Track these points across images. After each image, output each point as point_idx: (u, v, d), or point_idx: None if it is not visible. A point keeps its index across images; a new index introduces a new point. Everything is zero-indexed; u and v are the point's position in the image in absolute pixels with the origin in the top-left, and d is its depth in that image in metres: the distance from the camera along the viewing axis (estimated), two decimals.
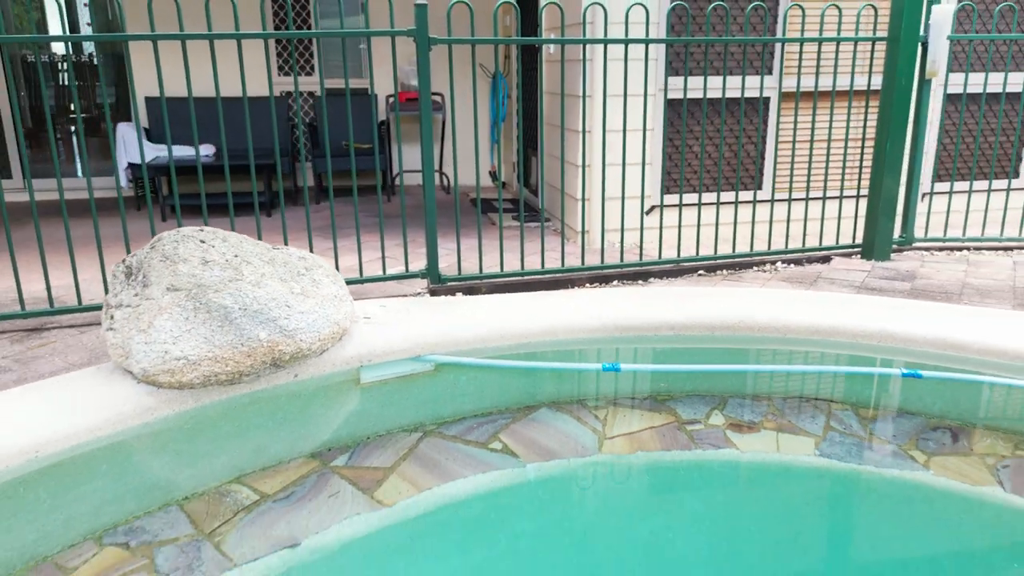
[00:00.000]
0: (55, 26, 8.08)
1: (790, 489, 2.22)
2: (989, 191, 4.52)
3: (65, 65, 8.30)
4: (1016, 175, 5.35)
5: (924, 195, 5.28)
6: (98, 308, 3.28)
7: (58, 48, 8.51)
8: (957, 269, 3.96)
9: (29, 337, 3.15)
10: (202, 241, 2.43)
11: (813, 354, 2.95)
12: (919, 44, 4.02)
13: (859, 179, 4.20)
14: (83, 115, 8.34)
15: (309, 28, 6.63)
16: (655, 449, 2.32)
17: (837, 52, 4.01)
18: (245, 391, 2.44)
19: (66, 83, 8.18)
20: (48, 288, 3.21)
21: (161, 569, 1.79)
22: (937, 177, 5.31)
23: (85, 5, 8.62)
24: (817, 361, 2.92)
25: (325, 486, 2.10)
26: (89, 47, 8.26)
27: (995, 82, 5.00)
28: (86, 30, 9.57)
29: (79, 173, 7.44)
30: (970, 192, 4.48)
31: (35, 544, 1.86)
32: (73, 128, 8.46)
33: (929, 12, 4.02)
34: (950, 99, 5.11)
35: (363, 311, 2.97)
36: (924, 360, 2.81)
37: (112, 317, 2.41)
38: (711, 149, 4.80)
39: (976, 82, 5.03)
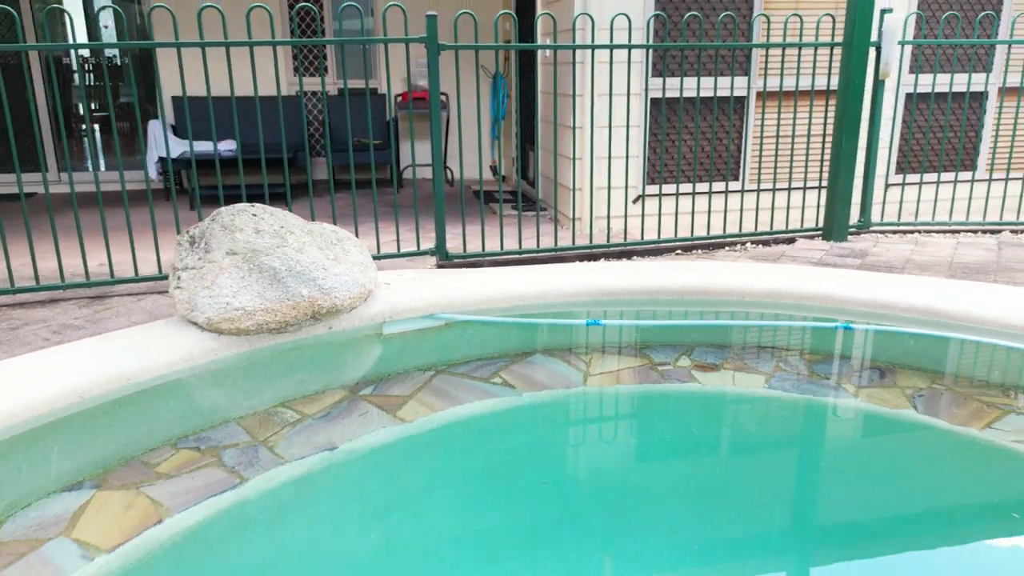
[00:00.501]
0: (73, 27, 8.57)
1: (742, 412, 2.72)
2: (938, 182, 5.02)
3: (87, 67, 8.79)
4: (972, 167, 5.85)
5: (889, 185, 5.78)
6: (152, 279, 3.79)
7: (83, 51, 8.98)
8: (905, 248, 4.46)
9: (94, 303, 3.66)
10: (254, 215, 2.93)
11: (767, 312, 3.45)
12: (873, 48, 4.53)
13: (820, 170, 4.70)
14: (104, 114, 8.84)
15: (322, 33, 7.13)
16: (631, 383, 2.83)
17: (799, 56, 4.52)
18: (289, 339, 2.95)
19: (90, 83, 8.67)
20: (110, 261, 3.71)
21: (227, 464, 2.29)
22: (899, 169, 5.81)
23: (103, 8, 9.12)
24: (770, 317, 3.42)
25: (356, 408, 2.61)
26: (111, 50, 8.75)
27: (943, 82, 5.50)
28: (104, 32, 10.04)
29: (101, 167, 7.93)
30: (920, 184, 4.99)
31: (125, 447, 2.36)
32: (97, 126, 8.96)
33: (882, 20, 4.52)
34: (910, 98, 5.61)
35: (384, 278, 3.48)
36: (858, 316, 3.32)
37: (179, 278, 2.91)
38: (692, 143, 5.30)
39: (938, 82, 5.53)
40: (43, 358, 2.63)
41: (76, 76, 8.77)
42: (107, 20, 10.02)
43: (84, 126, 8.55)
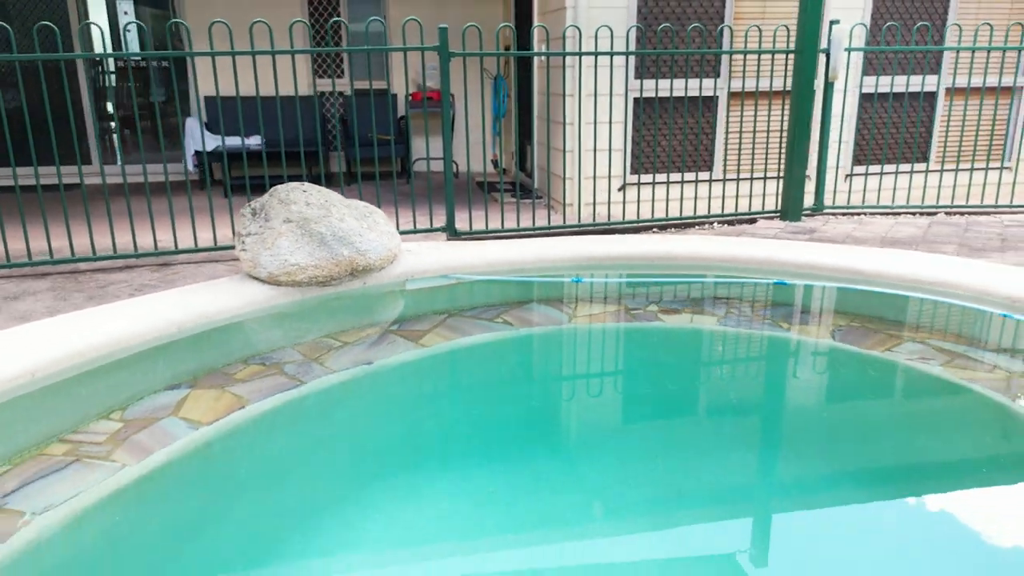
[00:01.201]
0: (98, 32, 9.29)
1: (697, 341, 3.44)
2: (881, 173, 5.74)
3: (122, 69, 9.50)
4: (924, 159, 6.56)
5: (848, 176, 6.50)
6: (208, 249, 4.50)
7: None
8: (849, 227, 5.18)
9: (162, 269, 4.37)
10: (304, 191, 3.65)
11: (721, 272, 4.18)
12: (822, 54, 5.24)
13: (779, 161, 5.42)
14: (140, 112, 9.55)
15: (338, 33, 7.85)
16: (607, 322, 3.55)
17: (759, 61, 5.23)
18: (332, 291, 3.67)
19: (124, 85, 9.38)
20: (175, 235, 4.43)
21: (288, 373, 3.00)
22: (857, 160, 6.52)
23: (125, 13, 9.85)
24: (723, 275, 4.14)
25: (386, 339, 3.33)
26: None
27: (899, 84, 6.22)
28: (127, 36, 10.76)
29: (117, 161, 8.64)
30: (866, 174, 5.70)
31: (208, 363, 3.07)
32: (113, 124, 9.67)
33: (831, 30, 5.24)
34: (866, 97, 6.32)
35: (405, 246, 4.20)
36: (794, 275, 4.04)
37: (243, 242, 3.63)
38: (670, 137, 6.01)
39: (894, 83, 6.25)
40: (147, 302, 3.35)
41: (109, 79, 9.48)
42: (129, 25, 10.73)
43: (113, 124, 9.26)
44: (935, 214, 5.58)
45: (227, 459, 2.47)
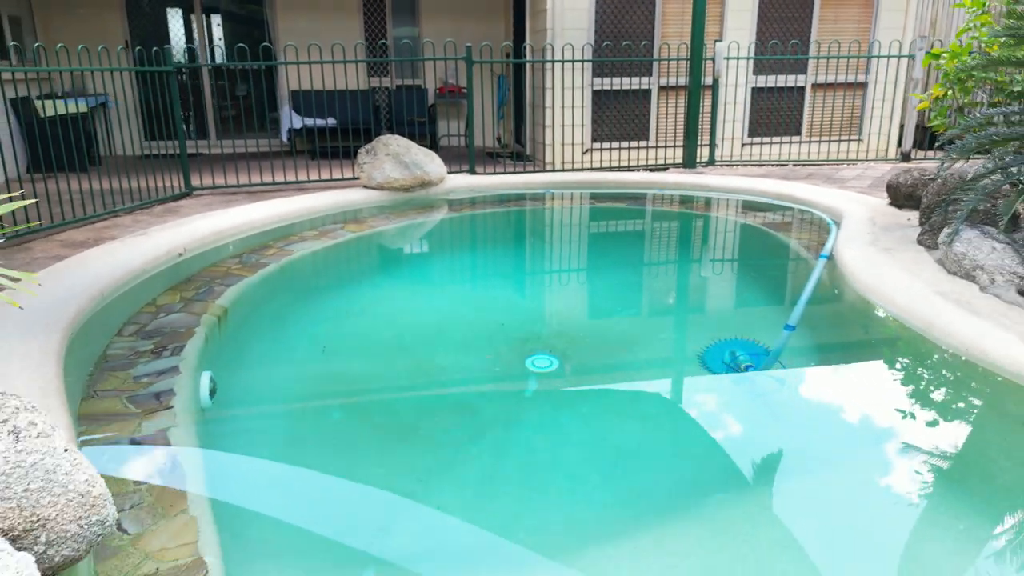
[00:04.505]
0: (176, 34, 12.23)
1: (614, 211, 6.41)
2: (762, 143, 8.67)
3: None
4: (796, 132, 9.47)
5: (743, 144, 9.42)
6: (325, 180, 7.44)
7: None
8: (727, 172, 8.12)
9: (300, 192, 7.32)
10: (395, 138, 6.62)
11: (631, 188, 7.15)
12: (709, 61, 8.18)
13: (685, 132, 8.36)
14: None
15: (384, 31, 10.77)
16: (568, 205, 6.55)
17: (668, 66, 8.17)
18: (410, 195, 6.64)
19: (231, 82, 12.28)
20: (307, 173, 7.38)
21: (392, 220, 5.99)
22: (751, 134, 9.44)
23: (193, 26, 12.74)
24: (632, 189, 7.11)
25: (442, 212, 6.33)
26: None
27: (770, 81, 9.14)
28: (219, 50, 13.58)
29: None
30: (758, 143, 8.63)
31: (353, 217, 6.04)
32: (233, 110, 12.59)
33: (715, 45, 8.17)
34: (755, 91, 9.23)
35: (448, 176, 7.17)
36: (672, 189, 7.02)
37: (361, 167, 6.59)
38: (618, 117, 8.94)
39: (774, 81, 9.16)
40: (317, 196, 6.32)
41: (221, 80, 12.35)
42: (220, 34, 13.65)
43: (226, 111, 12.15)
44: (785, 165, 8.53)
45: (368, 243, 5.49)
